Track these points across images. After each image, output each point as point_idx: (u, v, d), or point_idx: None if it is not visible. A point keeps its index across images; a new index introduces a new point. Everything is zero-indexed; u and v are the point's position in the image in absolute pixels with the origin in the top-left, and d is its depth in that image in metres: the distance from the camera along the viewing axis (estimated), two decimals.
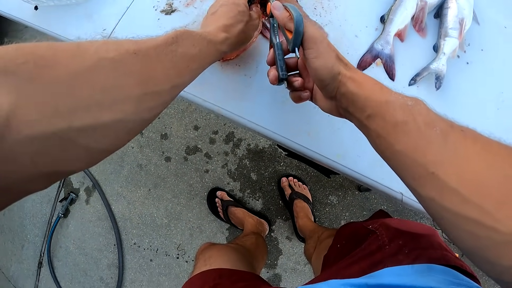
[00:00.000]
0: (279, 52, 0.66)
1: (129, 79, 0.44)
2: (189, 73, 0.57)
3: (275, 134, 0.87)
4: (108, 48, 0.43)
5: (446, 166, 0.44)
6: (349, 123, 0.62)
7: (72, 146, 0.38)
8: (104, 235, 2.37)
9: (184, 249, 2.25)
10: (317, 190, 2.15)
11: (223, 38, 0.65)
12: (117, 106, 0.42)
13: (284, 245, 2.15)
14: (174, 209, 2.27)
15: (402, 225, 0.82)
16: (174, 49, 0.53)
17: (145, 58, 0.47)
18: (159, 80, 0.49)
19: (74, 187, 2.42)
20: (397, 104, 0.52)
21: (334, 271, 0.80)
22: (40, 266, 2.47)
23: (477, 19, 0.90)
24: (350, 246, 0.90)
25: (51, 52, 0.37)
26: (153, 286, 2.28)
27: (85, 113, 0.38)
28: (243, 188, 2.21)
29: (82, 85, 0.38)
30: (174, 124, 2.27)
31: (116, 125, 0.42)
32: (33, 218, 2.51)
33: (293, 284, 2.13)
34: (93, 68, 0.40)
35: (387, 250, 0.75)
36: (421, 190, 0.47)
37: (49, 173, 0.37)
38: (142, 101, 0.46)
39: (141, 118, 0.47)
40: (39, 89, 0.34)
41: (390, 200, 2.10)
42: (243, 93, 0.90)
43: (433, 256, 0.70)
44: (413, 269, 0.67)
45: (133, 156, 2.32)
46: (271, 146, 2.18)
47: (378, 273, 0.69)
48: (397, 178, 0.81)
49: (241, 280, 0.93)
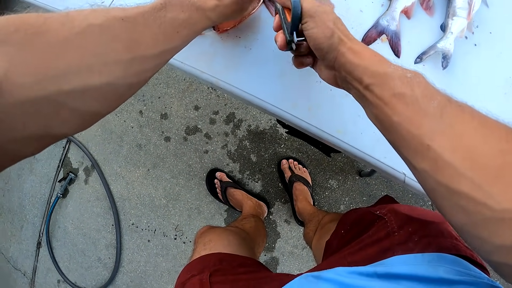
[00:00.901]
0: (285, 17, 0.65)
1: (117, 44, 0.45)
2: (180, 38, 0.58)
3: (274, 107, 0.85)
4: (97, 15, 0.45)
5: (441, 139, 0.44)
6: (351, 99, 0.61)
7: (63, 109, 0.39)
8: (102, 215, 2.37)
9: (182, 230, 2.24)
10: (317, 174, 2.13)
11: (213, 6, 0.64)
12: (106, 69, 0.43)
13: (282, 228, 2.14)
14: (172, 190, 2.26)
15: (412, 211, 0.80)
16: (162, 15, 0.54)
17: (133, 24, 0.48)
18: (147, 45, 0.50)
19: (73, 167, 2.42)
20: (396, 75, 0.51)
21: (340, 257, 0.79)
22: (39, 247, 2.49)
23: (486, 2, 0.87)
24: (355, 232, 0.89)
25: (41, 20, 0.39)
26: (150, 266, 2.28)
27: (75, 77, 0.39)
28: (243, 170, 2.19)
29: (72, 50, 0.40)
30: (175, 104, 2.25)
31: (105, 88, 0.44)
32: (32, 198, 2.51)
33: (290, 268, 2.13)
34: (82, 34, 0.42)
35: (396, 237, 0.73)
36: (416, 163, 0.47)
37: (41, 136, 0.39)
38: (130, 65, 0.47)
39: (130, 82, 0.48)
40: (30, 55, 0.36)
41: (391, 186, 2.09)
42: (242, 65, 0.87)
43: (444, 245, 0.68)
44: (423, 258, 0.65)
45: (132, 136, 2.31)
46: (271, 127, 2.16)
47: (387, 261, 0.67)
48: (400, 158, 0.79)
49: (242, 265, 0.93)
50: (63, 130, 0.41)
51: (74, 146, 2.41)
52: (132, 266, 2.31)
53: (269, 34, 0.87)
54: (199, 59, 0.88)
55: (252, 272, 0.90)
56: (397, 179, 0.81)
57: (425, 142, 0.45)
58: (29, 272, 2.50)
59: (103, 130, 2.35)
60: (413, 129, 0.47)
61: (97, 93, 0.43)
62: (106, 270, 2.36)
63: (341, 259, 0.77)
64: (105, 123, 2.34)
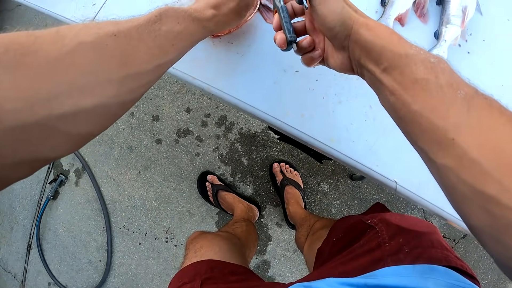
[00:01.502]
0: (285, 15, 0.62)
1: (110, 62, 0.43)
2: (175, 51, 0.56)
3: (266, 115, 0.84)
4: (88, 32, 0.43)
5: (468, 133, 0.40)
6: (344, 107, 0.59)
7: (53, 134, 0.38)
8: (93, 217, 2.35)
9: (173, 233, 2.24)
10: (309, 177, 2.13)
11: (211, 16, 0.63)
12: (98, 89, 0.41)
13: (273, 231, 2.14)
14: (163, 192, 2.25)
15: (403, 221, 0.80)
16: (157, 28, 0.52)
17: (126, 39, 0.46)
18: (141, 60, 0.48)
19: (64, 168, 2.40)
20: (418, 59, 0.47)
21: (332, 267, 0.79)
22: (29, 249, 2.47)
23: (480, 10, 0.87)
24: (347, 240, 0.89)
25: (31, 39, 0.37)
26: (141, 269, 2.27)
27: (66, 99, 0.38)
28: (234, 173, 2.19)
29: (62, 71, 0.38)
30: (166, 106, 2.24)
31: (97, 109, 0.42)
32: (22, 200, 2.49)
33: (281, 271, 2.13)
34: (73, 53, 0.40)
35: (388, 248, 0.73)
36: (436, 157, 0.43)
37: (31, 161, 0.38)
38: (124, 83, 0.45)
39: (123, 100, 0.46)
40: (20, 78, 0.34)
41: (382, 190, 2.10)
42: (234, 72, 0.87)
43: (434, 256, 0.68)
44: (414, 270, 0.64)
45: (123, 138, 2.29)
46: (263, 130, 2.16)
47: (378, 273, 0.67)
48: (392, 165, 0.79)
49: (233, 273, 0.92)
50: (54, 154, 0.40)
51: None
52: (123, 269, 2.30)
53: (262, 40, 0.87)
54: (191, 65, 0.87)
55: (244, 280, 0.90)
56: (389, 187, 0.81)
57: (449, 135, 0.41)
58: (19, 274, 2.48)
59: None
60: (436, 120, 0.42)
61: (89, 115, 0.41)
62: (97, 272, 2.35)
63: (333, 269, 0.77)
64: None
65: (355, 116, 0.83)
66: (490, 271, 2.08)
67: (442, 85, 0.44)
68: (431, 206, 0.80)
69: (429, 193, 0.80)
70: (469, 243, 2.08)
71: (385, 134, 0.82)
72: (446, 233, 2.07)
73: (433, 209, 0.81)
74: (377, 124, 0.82)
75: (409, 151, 0.81)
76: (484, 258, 2.07)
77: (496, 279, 2.07)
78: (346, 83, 0.84)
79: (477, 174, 0.38)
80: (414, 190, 0.80)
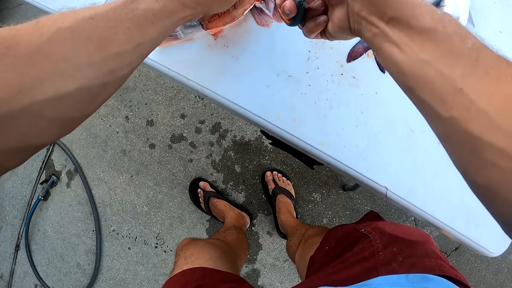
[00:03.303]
0: None
1: (89, 45, 0.44)
2: (156, 30, 0.54)
3: (258, 117, 0.85)
4: (65, 18, 0.44)
5: (476, 83, 0.38)
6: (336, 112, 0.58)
7: (39, 120, 0.39)
8: (83, 220, 2.33)
9: (163, 238, 2.22)
10: (301, 187, 2.13)
11: None
12: (78, 73, 0.42)
13: (264, 240, 2.13)
14: (155, 197, 2.24)
15: (397, 230, 0.80)
16: (134, 7, 0.51)
17: (103, 21, 0.47)
18: (120, 41, 0.48)
19: (56, 169, 2.39)
20: (425, 8, 0.44)
21: (324, 275, 0.78)
22: (17, 249, 2.44)
23: (472, 21, 0.88)
24: (340, 249, 0.88)
25: (12, 32, 0.39)
26: (130, 274, 2.25)
27: (49, 86, 0.39)
28: (226, 180, 2.18)
29: (44, 59, 0.39)
30: (161, 111, 2.24)
31: (79, 92, 0.43)
32: (12, 199, 2.47)
33: (271, 280, 2.12)
34: (52, 40, 0.41)
35: (381, 257, 0.73)
36: (443, 109, 0.40)
37: (21, 148, 0.39)
38: (103, 64, 0.46)
39: (104, 82, 0.46)
40: (4, 69, 0.36)
41: (374, 201, 2.10)
42: (228, 74, 0.87)
43: (428, 265, 0.68)
44: (408, 279, 0.64)
45: (117, 141, 2.29)
46: (257, 139, 2.16)
47: (371, 282, 0.67)
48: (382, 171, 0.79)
49: (225, 282, 0.92)
50: (43, 140, 0.41)
51: (58, 149, 2.38)
52: (111, 274, 2.28)
53: (257, 44, 0.88)
54: (186, 66, 0.87)
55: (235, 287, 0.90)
56: (379, 193, 0.82)
57: (457, 85, 0.39)
58: (6, 274, 2.45)
59: (87, 134, 2.33)
60: (444, 69, 0.40)
61: (72, 98, 0.42)
62: (85, 276, 2.32)
63: (325, 277, 0.77)
64: (90, 127, 2.32)
65: (347, 121, 0.83)
66: (482, 284, 2.08)
67: (450, 34, 0.42)
68: (421, 212, 0.81)
69: (419, 199, 0.81)
70: (461, 256, 2.08)
71: (376, 140, 0.82)
72: (438, 245, 2.05)
73: (423, 216, 0.81)
74: (368, 130, 0.83)
75: (400, 157, 0.83)
76: (476, 271, 2.08)
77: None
78: (338, 88, 0.85)
79: (486, 125, 0.37)
80: (404, 196, 0.81)
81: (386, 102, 0.84)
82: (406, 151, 0.83)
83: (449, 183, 0.82)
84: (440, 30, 0.42)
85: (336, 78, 0.85)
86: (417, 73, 0.43)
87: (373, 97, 0.85)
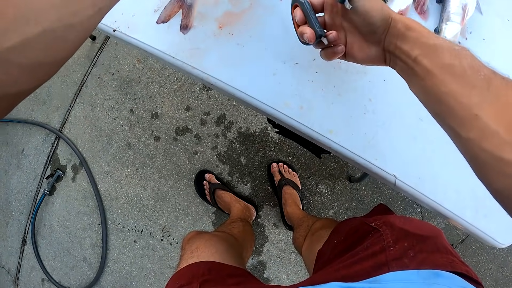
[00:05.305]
0: (310, 9, 0.64)
1: None
2: None
3: (265, 105, 0.84)
4: None
5: (488, 109, 0.47)
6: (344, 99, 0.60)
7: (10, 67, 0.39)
8: (89, 214, 2.33)
9: (169, 231, 2.22)
10: (307, 178, 2.12)
11: None
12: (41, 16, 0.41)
13: (270, 232, 2.13)
14: (160, 190, 2.24)
15: (407, 224, 0.79)
16: None
17: None
18: None
19: (61, 164, 2.39)
20: (445, 47, 0.53)
21: (333, 270, 0.78)
22: (23, 244, 2.45)
23: (480, 9, 0.88)
24: (349, 243, 0.87)
25: None
26: (136, 267, 2.26)
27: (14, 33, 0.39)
28: (232, 172, 2.18)
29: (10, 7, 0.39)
30: (166, 104, 2.23)
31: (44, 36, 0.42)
32: (18, 194, 2.47)
33: (277, 272, 2.12)
34: None
35: (392, 252, 0.72)
36: (462, 131, 0.49)
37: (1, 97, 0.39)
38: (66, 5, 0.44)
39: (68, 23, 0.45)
40: None
41: (381, 193, 2.09)
42: (234, 62, 0.87)
43: (440, 261, 0.68)
44: (419, 275, 0.65)
45: (122, 134, 2.29)
46: (262, 130, 2.15)
47: (382, 278, 0.66)
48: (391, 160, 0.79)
49: (232, 276, 0.91)
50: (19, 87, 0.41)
51: (63, 143, 2.38)
52: (117, 267, 2.28)
53: (263, 32, 0.87)
54: (191, 54, 0.87)
55: (242, 283, 0.89)
56: (388, 182, 0.81)
57: (473, 111, 0.48)
58: (13, 269, 2.46)
59: (92, 128, 2.32)
60: (462, 99, 0.49)
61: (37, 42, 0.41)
62: (91, 270, 2.33)
63: (335, 272, 0.76)
64: (95, 121, 2.32)
65: (355, 109, 0.82)
66: (488, 277, 2.07)
67: (466, 68, 0.50)
68: (431, 202, 0.80)
69: (428, 188, 0.80)
70: (467, 248, 2.07)
71: (384, 127, 0.81)
72: None
73: (432, 205, 0.80)
74: (376, 118, 0.82)
75: (408, 145, 0.82)
76: (481, 263, 2.07)
77: (494, 284, 2.07)
78: (346, 76, 0.84)
79: (496, 143, 0.45)
80: (413, 185, 0.80)
81: (394, 90, 0.83)
82: (415, 139, 0.82)
83: (458, 172, 0.81)
84: (457, 64, 0.51)
85: (344, 65, 0.84)
86: (441, 101, 0.52)
87: (381, 85, 0.84)
